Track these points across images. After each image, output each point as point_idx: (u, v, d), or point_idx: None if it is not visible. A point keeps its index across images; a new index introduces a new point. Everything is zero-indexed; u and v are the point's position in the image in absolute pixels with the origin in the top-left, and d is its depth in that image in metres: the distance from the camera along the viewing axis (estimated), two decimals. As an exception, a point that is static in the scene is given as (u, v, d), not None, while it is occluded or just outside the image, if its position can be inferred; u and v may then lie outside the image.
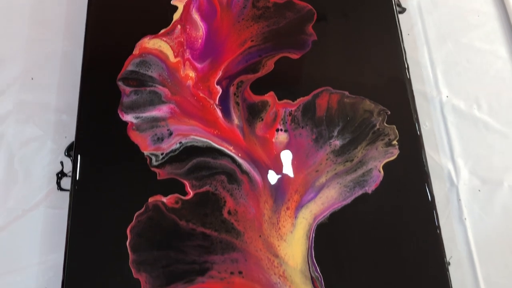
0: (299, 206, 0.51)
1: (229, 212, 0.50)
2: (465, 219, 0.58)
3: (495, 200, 0.59)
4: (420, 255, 0.50)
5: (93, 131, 0.54)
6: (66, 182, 0.58)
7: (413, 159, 0.53)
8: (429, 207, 0.51)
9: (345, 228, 0.50)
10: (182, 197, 0.51)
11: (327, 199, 0.51)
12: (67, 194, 0.54)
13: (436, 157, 0.61)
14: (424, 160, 0.53)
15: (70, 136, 0.61)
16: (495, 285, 0.55)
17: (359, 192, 0.51)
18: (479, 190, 0.60)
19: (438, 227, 0.50)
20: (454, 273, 0.55)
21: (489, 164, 0.61)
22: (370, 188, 0.52)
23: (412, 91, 0.57)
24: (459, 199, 0.59)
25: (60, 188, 0.58)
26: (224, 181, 0.52)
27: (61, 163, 0.60)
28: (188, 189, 0.51)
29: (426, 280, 0.49)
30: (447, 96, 0.65)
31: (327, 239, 0.50)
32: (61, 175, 0.59)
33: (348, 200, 0.51)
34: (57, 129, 0.62)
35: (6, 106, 0.62)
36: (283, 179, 0.52)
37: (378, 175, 0.52)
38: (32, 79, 0.64)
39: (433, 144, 0.62)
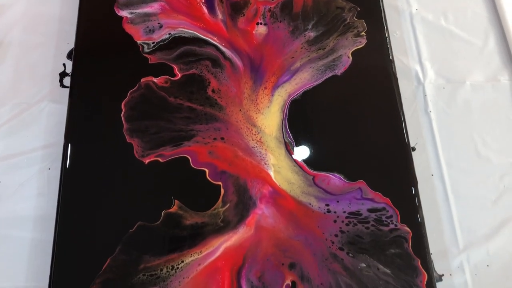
0: (276, 86, 0.57)
1: (213, 91, 0.57)
2: (430, 111, 0.64)
3: (457, 96, 0.65)
4: (383, 134, 0.55)
5: (92, 29, 0.60)
6: (68, 81, 0.64)
7: (379, 48, 0.59)
8: (391, 88, 0.57)
9: (315, 103, 0.56)
10: (171, 78, 0.57)
11: (301, 80, 0.57)
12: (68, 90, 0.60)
13: (405, 60, 0.67)
14: (389, 48, 0.59)
15: (72, 43, 0.67)
16: (456, 167, 0.61)
17: (329, 75, 0.57)
18: (443, 88, 0.65)
19: (401, 105, 0.56)
20: (419, 156, 0.61)
21: (453, 66, 0.67)
22: (339, 71, 0.58)
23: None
24: (425, 95, 0.65)
25: (62, 85, 0.64)
26: (208, 65, 0.58)
27: (64, 65, 0.66)
28: (176, 71, 0.57)
29: (390, 158, 0.54)
30: (416, 9, 0.71)
31: (299, 112, 0.56)
32: (63, 74, 0.65)
33: (319, 81, 0.57)
34: (60, 37, 0.68)
35: (14, 17, 0.69)
36: (262, 64, 0.58)
37: (347, 60, 0.58)
38: (37, -6, 0.70)
39: (403, 49, 0.68)
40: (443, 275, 0.55)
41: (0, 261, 0.55)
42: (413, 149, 0.61)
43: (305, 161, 0.53)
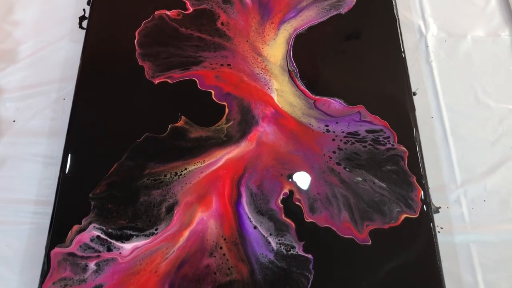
0: (282, 22, 0.60)
1: (222, 23, 0.60)
2: (432, 61, 0.66)
3: (459, 48, 0.67)
4: (383, 66, 0.57)
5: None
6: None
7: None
8: (392, 27, 0.59)
9: (319, 38, 0.59)
10: (183, 11, 0.61)
11: (307, 17, 0.60)
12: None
13: (408, 15, 0.70)
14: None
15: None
16: (455, 111, 0.62)
17: (333, 13, 0.60)
18: (445, 41, 0.68)
19: (400, 42, 0.58)
20: (419, 100, 0.63)
21: (455, 22, 0.70)
22: (343, 10, 0.61)
23: None
24: (427, 46, 0.67)
25: (81, 27, 0.68)
26: (219, 1, 0.61)
27: (83, 10, 0.70)
28: (188, 6, 0.61)
29: (388, 87, 0.57)
30: (421, -31, 0.74)
31: (304, 45, 0.59)
32: (82, 18, 0.70)
33: (324, 18, 0.60)
34: (82, -15, 0.72)
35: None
36: (270, 2, 0.61)
37: (351, 1, 0.61)
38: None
39: (407, 6, 0.71)
40: (440, 207, 0.56)
41: (15, 177, 0.57)
42: (414, 93, 0.62)
43: (307, 87, 0.56)
